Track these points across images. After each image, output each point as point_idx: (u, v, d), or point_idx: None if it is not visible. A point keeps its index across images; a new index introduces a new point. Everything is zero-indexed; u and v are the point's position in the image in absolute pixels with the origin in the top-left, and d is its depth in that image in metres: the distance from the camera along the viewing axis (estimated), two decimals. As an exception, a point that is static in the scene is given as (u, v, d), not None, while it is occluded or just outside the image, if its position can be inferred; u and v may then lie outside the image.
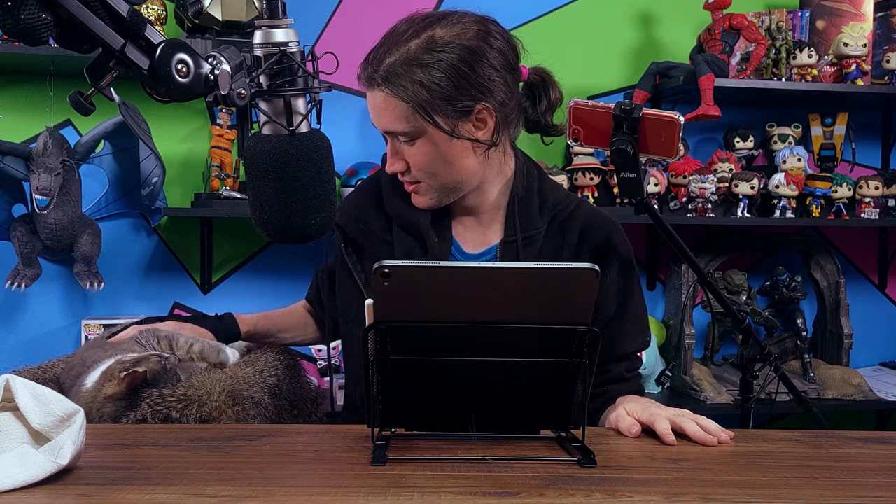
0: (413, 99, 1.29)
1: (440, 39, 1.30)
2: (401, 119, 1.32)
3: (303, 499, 0.85)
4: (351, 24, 2.79)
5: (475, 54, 1.30)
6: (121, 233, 2.70)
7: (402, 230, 1.43)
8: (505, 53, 1.34)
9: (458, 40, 1.30)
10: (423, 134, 1.32)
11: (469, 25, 1.32)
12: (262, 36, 0.93)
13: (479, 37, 1.31)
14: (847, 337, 2.95)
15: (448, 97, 1.30)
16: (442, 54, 1.29)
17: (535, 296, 0.95)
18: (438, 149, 1.34)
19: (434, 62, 1.29)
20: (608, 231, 1.44)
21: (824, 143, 3.05)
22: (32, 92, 2.62)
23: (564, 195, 1.48)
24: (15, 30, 0.77)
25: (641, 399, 1.29)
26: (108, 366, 1.27)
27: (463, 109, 1.32)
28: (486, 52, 1.31)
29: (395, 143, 1.37)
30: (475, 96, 1.32)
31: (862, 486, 0.96)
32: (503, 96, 1.34)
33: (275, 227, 0.97)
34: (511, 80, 1.36)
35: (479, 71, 1.31)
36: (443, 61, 1.29)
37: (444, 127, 1.32)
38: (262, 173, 0.94)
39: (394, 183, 1.45)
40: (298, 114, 0.94)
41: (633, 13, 2.99)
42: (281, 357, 1.47)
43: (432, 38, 1.30)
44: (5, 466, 0.86)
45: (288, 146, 0.93)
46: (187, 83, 0.87)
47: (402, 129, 1.33)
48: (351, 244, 1.47)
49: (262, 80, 0.93)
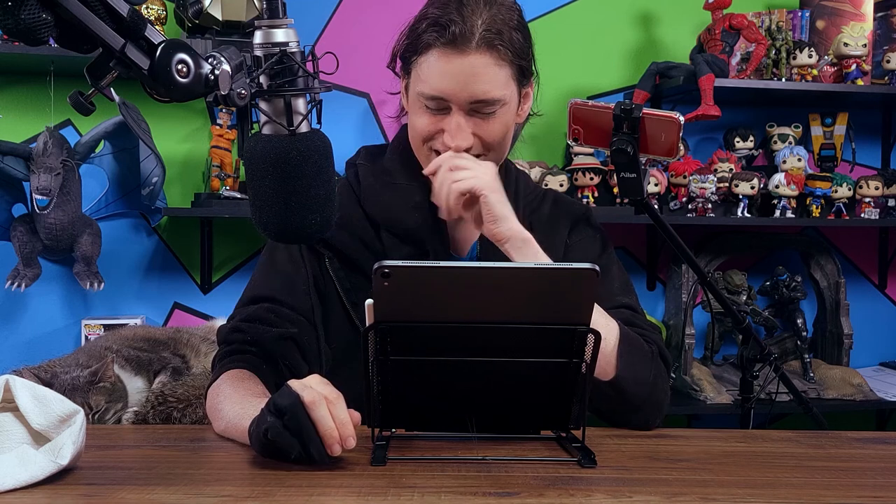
0: (517, 60, 1.26)
1: (513, 3, 1.29)
2: (500, 85, 1.25)
3: (303, 499, 0.85)
4: (351, 24, 2.79)
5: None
6: (121, 233, 2.70)
7: (394, 236, 1.33)
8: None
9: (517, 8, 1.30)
10: (507, 104, 1.28)
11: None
12: (263, 36, 0.93)
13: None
14: (847, 337, 2.95)
15: (529, 60, 1.29)
16: (522, 17, 1.28)
17: (535, 296, 0.95)
18: (510, 118, 1.30)
19: (522, 26, 1.28)
20: (583, 208, 1.44)
21: (824, 143, 3.05)
22: (32, 92, 2.62)
23: (533, 186, 1.45)
24: (15, 30, 0.77)
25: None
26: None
27: (527, 78, 1.31)
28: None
29: (465, 118, 1.26)
30: (533, 68, 1.32)
31: (862, 486, 0.96)
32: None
33: (275, 227, 0.97)
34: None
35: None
36: (525, 26, 1.29)
37: (519, 92, 1.30)
38: (262, 173, 0.94)
39: (382, 181, 1.35)
40: (298, 114, 0.94)
41: (633, 13, 2.99)
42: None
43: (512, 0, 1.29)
44: (5, 466, 0.86)
45: (288, 146, 0.93)
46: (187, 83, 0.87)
47: (499, 95, 1.25)
48: (337, 257, 1.33)
49: (262, 80, 0.93)
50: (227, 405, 1.13)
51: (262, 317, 1.27)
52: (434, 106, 1.27)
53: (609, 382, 1.19)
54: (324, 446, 0.94)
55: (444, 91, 1.24)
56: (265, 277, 1.33)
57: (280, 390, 0.97)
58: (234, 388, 1.17)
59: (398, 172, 1.36)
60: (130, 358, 1.48)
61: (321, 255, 1.33)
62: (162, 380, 1.47)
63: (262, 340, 1.25)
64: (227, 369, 1.22)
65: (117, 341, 1.56)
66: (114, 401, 1.35)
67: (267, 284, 1.31)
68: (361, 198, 1.35)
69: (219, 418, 1.15)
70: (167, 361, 1.52)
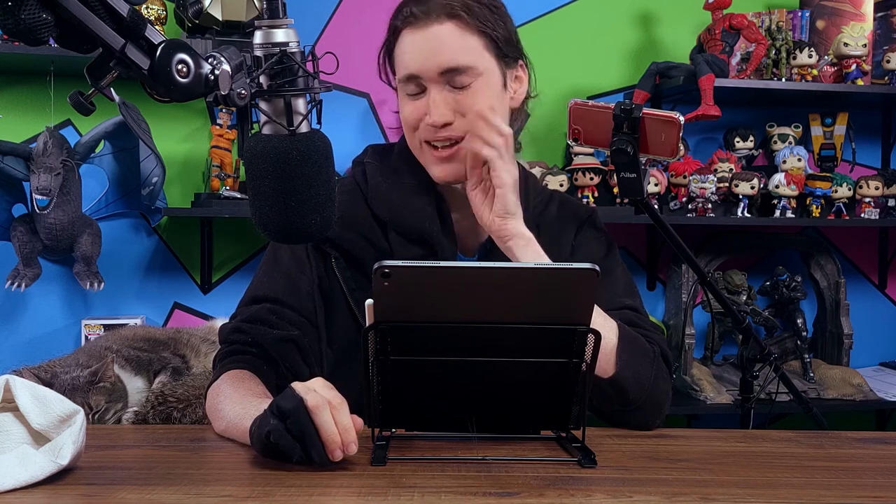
0: (488, 30, 1.28)
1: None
2: (467, 52, 1.27)
3: (303, 499, 0.85)
4: (351, 24, 2.79)
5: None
6: (121, 233, 2.70)
7: (401, 236, 1.32)
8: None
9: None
10: (481, 74, 1.28)
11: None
12: (263, 36, 0.93)
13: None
14: (847, 337, 2.95)
15: (508, 40, 1.31)
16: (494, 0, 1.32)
17: (535, 296, 0.95)
18: (493, 93, 1.30)
19: (493, 5, 1.30)
20: (588, 210, 1.45)
21: (824, 143, 3.05)
22: (32, 92, 2.62)
23: (540, 188, 1.46)
24: (15, 30, 0.77)
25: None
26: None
27: (513, 56, 1.33)
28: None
29: (441, 93, 1.27)
30: (519, 49, 1.34)
31: (862, 486, 0.96)
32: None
33: (275, 227, 0.97)
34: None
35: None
36: (501, 6, 1.32)
37: (503, 70, 1.31)
38: (262, 173, 0.94)
39: (389, 181, 1.35)
40: (298, 114, 0.94)
41: (633, 13, 2.99)
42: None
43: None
44: (5, 466, 0.86)
45: (288, 146, 0.93)
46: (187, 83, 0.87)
47: (467, 61, 1.26)
48: (344, 257, 1.33)
49: (263, 80, 0.93)
50: (227, 405, 1.13)
51: (264, 318, 1.27)
52: (412, 90, 1.29)
53: (609, 381, 1.19)
54: (325, 451, 0.94)
55: (413, 67, 1.28)
56: (268, 277, 1.33)
57: (283, 392, 0.97)
58: (234, 388, 1.17)
59: (405, 172, 1.36)
60: (130, 358, 1.48)
61: (328, 256, 1.33)
62: (162, 380, 1.47)
63: (262, 342, 1.25)
64: (227, 369, 1.23)
65: (117, 341, 1.56)
66: (114, 401, 1.35)
67: (270, 285, 1.31)
68: (368, 197, 1.35)
69: (219, 418, 1.15)
70: (167, 361, 1.52)
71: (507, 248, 1.25)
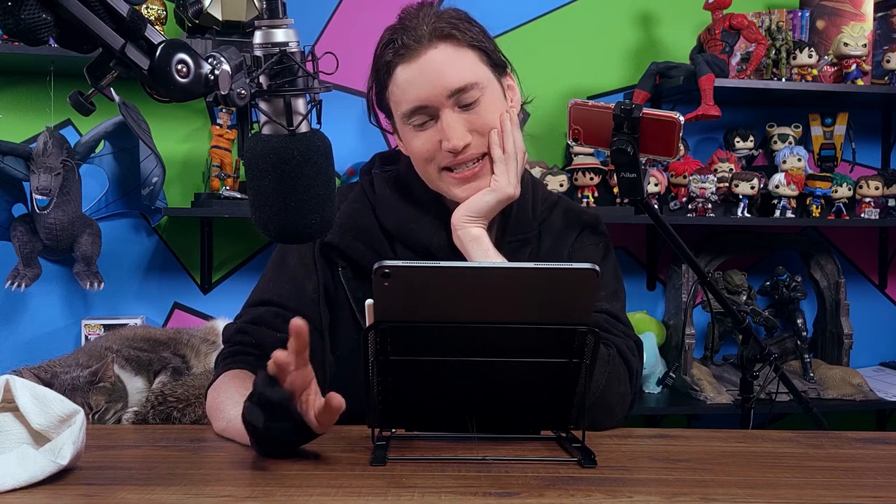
0: (479, 43, 1.28)
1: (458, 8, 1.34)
2: (469, 67, 1.27)
3: (303, 499, 0.85)
4: (351, 24, 2.79)
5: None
6: (121, 233, 2.70)
7: (408, 249, 1.32)
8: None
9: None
10: (486, 88, 1.28)
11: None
12: (262, 36, 0.93)
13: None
14: (847, 337, 2.95)
15: (494, 51, 1.32)
16: (470, 17, 1.33)
17: (535, 296, 0.95)
18: (499, 105, 1.31)
19: (473, 21, 1.31)
20: (592, 216, 1.45)
21: (824, 143, 3.05)
22: (32, 92, 2.62)
23: (547, 194, 1.45)
24: (15, 30, 0.77)
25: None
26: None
27: (502, 64, 1.33)
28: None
29: (454, 116, 1.26)
30: (504, 57, 1.35)
31: (862, 486, 0.96)
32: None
33: (275, 227, 0.96)
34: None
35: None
36: (477, 22, 1.32)
37: (498, 80, 1.32)
38: (261, 173, 0.94)
39: (397, 193, 1.35)
40: (298, 114, 0.94)
41: (633, 13, 2.99)
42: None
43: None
44: (5, 466, 0.86)
45: (288, 146, 0.93)
46: (187, 83, 0.87)
47: (472, 78, 1.26)
48: (351, 267, 1.32)
49: (262, 80, 0.93)
50: (227, 404, 1.13)
51: (269, 321, 1.28)
52: (419, 121, 1.28)
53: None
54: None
55: (419, 98, 1.26)
56: (275, 280, 1.33)
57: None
58: (234, 387, 1.17)
59: (414, 184, 1.36)
60: (130, 358, 1.48)
61: (335, 265, 1.33)
62: (162, 380, 1.47)
63: (265, 344, 1.24)
64: (228, 369, 1.23)
65: (117, 341, 1.56)
66: (114, 401, 1.35)
67: (276, 288, 1.31)
68: (377, 208, 1.35)
69: (219, 418, 1.15)
70: (167, 361, 1.52)
71: (456, 237, 1.30)
